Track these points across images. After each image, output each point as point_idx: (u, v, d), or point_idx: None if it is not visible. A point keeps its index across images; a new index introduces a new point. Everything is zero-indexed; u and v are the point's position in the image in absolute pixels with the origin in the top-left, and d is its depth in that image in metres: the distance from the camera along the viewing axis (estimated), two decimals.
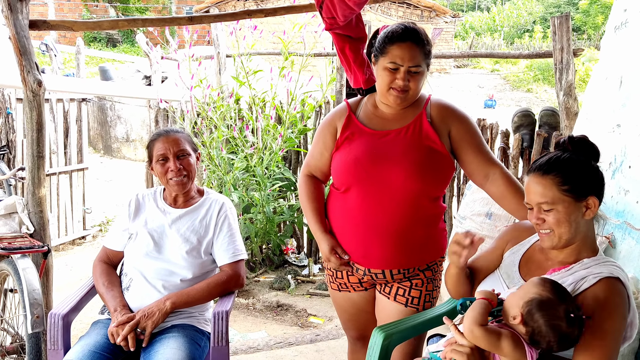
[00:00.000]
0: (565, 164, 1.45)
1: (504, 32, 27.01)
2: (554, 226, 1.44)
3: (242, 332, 3.43)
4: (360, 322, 2.12)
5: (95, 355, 1.86)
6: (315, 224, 1.99)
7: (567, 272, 1.48)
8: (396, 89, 1.79)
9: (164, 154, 2.10)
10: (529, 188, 1.49)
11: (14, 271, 2.32)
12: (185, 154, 2.13)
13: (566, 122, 2.94)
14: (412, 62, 1.77)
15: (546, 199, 1.44)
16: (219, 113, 3.89)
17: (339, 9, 1.95)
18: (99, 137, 9.44)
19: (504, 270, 1.64)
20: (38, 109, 2.48)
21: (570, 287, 1.44)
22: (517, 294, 1.37)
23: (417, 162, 1.81)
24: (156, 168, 2.13)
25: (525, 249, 1.64)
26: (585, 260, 1.48)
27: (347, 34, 2.05)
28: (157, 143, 2.13)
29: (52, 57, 7.80)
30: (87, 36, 20.03)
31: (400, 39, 1.77)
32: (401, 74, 1.77)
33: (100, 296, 2.08)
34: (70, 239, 5.26)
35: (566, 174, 1.44)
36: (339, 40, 2.07)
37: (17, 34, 2.34)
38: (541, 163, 1.48)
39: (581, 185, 1.44)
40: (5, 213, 2.52)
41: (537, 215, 1.47)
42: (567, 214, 1.43)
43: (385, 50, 1.79)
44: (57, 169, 5.06)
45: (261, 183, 3.75)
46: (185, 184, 2.13)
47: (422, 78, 1.82)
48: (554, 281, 1.36)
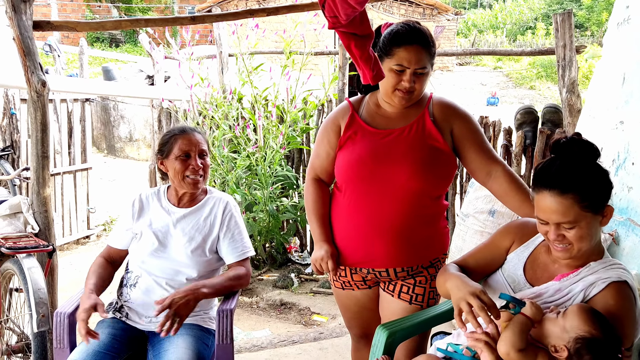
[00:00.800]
0: (582, 179, 1.40)
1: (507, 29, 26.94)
2: (575, 242, 1.42)
3: (246, 330, 3.44)
4: (363, 320, 2.12)
5: (100, 354, 1.87)
6: (317, 229, 1.99)
7: (576, 277, 1.47)
8: (402, 90, 1.80)
9: (187, 151, 2.10)
10: (545, 205, 1.43)
11: (19, 270, 2.33)
12: (205, 154, 2.16)
13: (569, 119, 2.94)
14: (419, 64, 1.77)
15: (568, 218, 1.40)
16: (221, 112, 3.90)
17: (340, 7, 1.95)
18: (102, 137, 9.47)
19: (508, 274, 1.63)
20: (42, 109, 2.49)
21: (580, 295, 1.44)
22: (561, 324, 1.34)
23: (420, 161, 1.81)
24: (173, 164, 2.10)
25: (530, 251, 1.62)
26: (592, 264, 1.48)
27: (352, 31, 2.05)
28: (182, 140, 2.12)
29: (55, 58, 7.83)
30: (90, 36, 20.07)
31: (407, 41, 1.77)
32: (407, 76, 1.78)
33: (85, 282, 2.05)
34: (75, 239, 5.28)
35: (584, 191, 1.39)
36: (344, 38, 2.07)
37: (20, 35, 2.35)
38: (555, 180, 1.42)
39: (599, 199, 1.42)
40: (10, 213, 2.53)
41: (556, 232, 1.43)
42: (589, 228, 1.42)
43: (391, 52, 1.79)
44: (61, 169, 5.08)
45: (263, 182, 3.75)
46: (199, 183, 2.14)
47: (427, 78, 1.83)
48: (603, 317, 1.33)
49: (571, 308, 1.35)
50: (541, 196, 1.44)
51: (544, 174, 1.46)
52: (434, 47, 1.83)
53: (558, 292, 1.48)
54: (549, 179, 1.43)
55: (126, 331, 2.01)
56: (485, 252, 1.72)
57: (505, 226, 1.74)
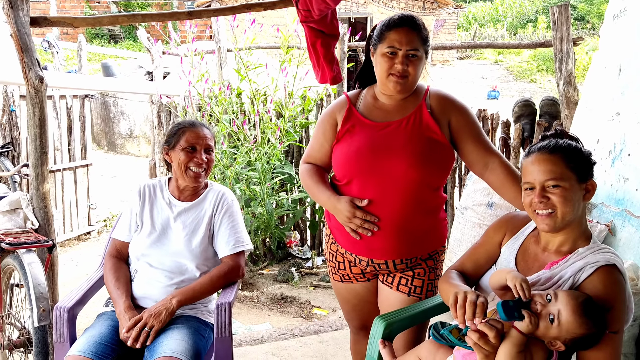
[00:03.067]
0: (568, 145, 1.51)
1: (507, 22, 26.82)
2: (558, 204, 1.45)
3: (247, 324, 3.46)
4: (362, 313, 2.14)
5: (100, 346, 1.89)
6: (324, 192, 1.94)
7: (565, 265, 1.49)
8: (395, 74, 1.81)
9: (193, 144, 2.13)
10: (532, 167, 1.50)
11: (19, 266, 2.34)
12: (211, 150, 2.18)
13: (566, 111, 2.94)
14: (410, 45, 1.79)
15: (554, 174, 1.46)
16: (221, 107, 3.91)
17: (314, 2, 1.98)
18: (102, 134, 9.47)
19: (501, 266, 1.65)
20: (40, 105, 2.50)
21: (570, 280, 1.45)
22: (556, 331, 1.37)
23: (418, 152, 1.82)
24: (178, 155, 2.12)
25: (520, 242, 1.64)
26: (581, 249, 1.49)
27: (320, 28, 2.07)
28: (190, 132, 2.14)
29: (54, 54, 7.83)
30: (89, 33, 20.01)
31: (398, 24, 1.82)
32: (400, 58, 1.80)
33: (109, 293, 2.11)
34: (76, 235, 5.30)
35: (570, 153, 1.49)
36: (312, 35, 2.09)
37: (18, 31, 2.36)
38: (543, 145, 1.52)
39: (583, 167, 1.49)
40: (10, 209, 2.55)
41: (541, 193, 1.47)
42: (572, 192, 1.46)
43: (383, 37, 1.83)
44: (61, 165, 5.08)
45: (262, 177, 3.76)
46: (201, 178, 2.16)
47: (421, 64, 1.84)
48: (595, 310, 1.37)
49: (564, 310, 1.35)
50: (530, 159, 1.52)
51: (532, 146, 1.57)
52: (426, 32, 1.86)
53: (549, 281, 1.50)
54: (538, 145, 1.54)
55: None
56: (481, 250, 1.74)
57: (496, 221, 1.76)
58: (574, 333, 1.34)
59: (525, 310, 1.37)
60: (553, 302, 1.37)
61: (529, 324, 1.36)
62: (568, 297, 1.36)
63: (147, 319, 1.93)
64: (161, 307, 1.97)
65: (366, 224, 1.85)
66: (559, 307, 1.35)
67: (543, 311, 1.37)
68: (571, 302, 1.35)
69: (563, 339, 1.35)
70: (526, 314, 1.37)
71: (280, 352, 2.99)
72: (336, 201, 1.89)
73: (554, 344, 1.38)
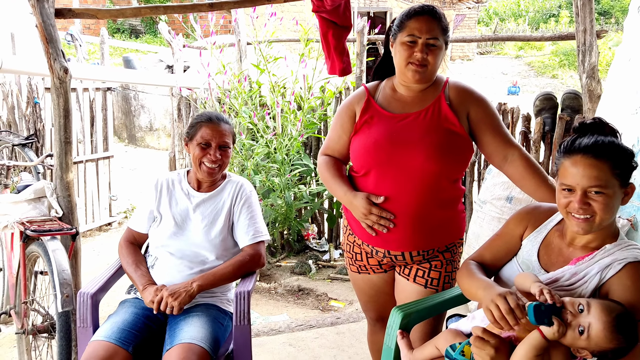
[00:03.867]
0: (614, 148, 1.42)
1: (529, 17, 26.44)
2: (599, 211, 1.41)
3: (264, 315, 3.49)
4: (379, 304, 2.14)
5: (123, 332, 1.93)
6: (341, 187, 1.95)
7: (592, 261, 1.46)
8: (414, 62, 1.80)
9: (208, 141, 2.14)
10: (574, 170, 1.43)
11: (44, 253, 2.40)
12: (227, 147, 2.19)
13: (589, 104, 2.90)
14: (430, 34, 1.79)
15: (600, 182, 1.40)
16: (240, 99, 3.93)
17: None
18: (123, 127, 9.59)
19: (522, 260, 1.62)
20: (65, 96, 2.55)
21: (596, 277, 1.43)
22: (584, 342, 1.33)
23: (436, 144, 1.82)
24: (194, 149, 2.16)
25: (543, 236, 1.61)
26: (608, 246, 1.47)
27: (332, 19, 2.07)
28: (205, 127, 2.16)
29: (77, 48, 7.94)
30: (110, 28, 20.23)
31: (418, 13, 1.82)
32: (419, 47, 1.79)
33: (128, 275, 2.14)
34: (97, 226, 5.39)
35: (617, 159, 1.41)
36: (324, 25, 2.09)
37: (43, 23, 2.40)
38: (589, 145, 1.43)
39: (628, 172, 1.43)
40: (35, 197, 2.60)
41: (582, 199, 1.41)
42: (614, 199, 1.41)
43: (403, 26, 1.83)
44: (83, 157, 5.17)
45: (281, 169, 3.78)
46: (215, 173, 2.18)
47: (440, 54, 1.83)
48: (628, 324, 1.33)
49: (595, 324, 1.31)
50: (572, 161, 1.44)
51: (575, 142, 1.46)
52: (446, 22, 1.85)
53: (574, 276, 1.47)
54: (583, 145, 1.44)
55: (146, 310, 2.05)
56: (500, 242, 1.71)
57: (517, 213, 1.72)
58: (603, 347, 1.31)
59: (556, 318, 1.33)
60: (585, 314, 1.33)
61: (555, 332, 1.32)
62: (601, 311, 1.32)
63: (166, 298, 1.95)
64: (181, 289, 1.98)
65: (382, 221, 1.86)
66: (590, 320, 1.32)
67: (573, 322, 1.33)
68: (603, 318, 1.31)
69: (591, 350, 1.33)
70: (556, 321, 1.32)
71: (297, 343, 3.01)
72: (352, 197, 1.90)
73: (580, 352, 1.35)
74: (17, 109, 5.41)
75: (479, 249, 1.77)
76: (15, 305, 2.70)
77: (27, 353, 2.62)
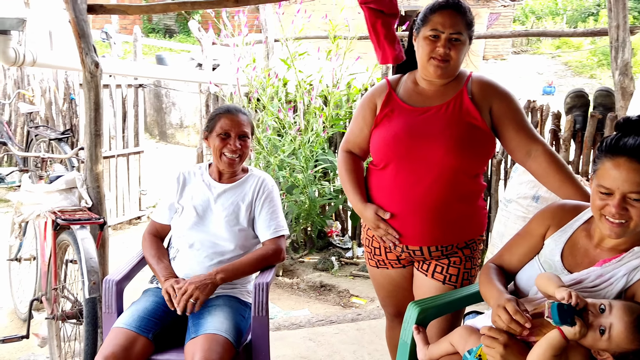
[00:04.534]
0: None
1: (567, 15, 25.80)
2: (636, 217, 1.36)
3: (286, 309, 3.52)
4: (398, 299, 2.13)
5: (144, 320, 1.98)
6: (355, 195, 1.99)
7: (619, 263, 1.43)
8: (437, 57, 1.79)
9: (227, 131, 2.18)
10: (615, 172, 1.37)
11: (73, 241, 2.48)
12: (246, 136, 2.22)
13: (622, 102, 2.83)
14: (453, 29, 1.78)
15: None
16: (268, 94, 3.97)
17: None
18: (154, 123, 9.78)
19: (545, 259, 1.58)
20: (95, 90, 2.62)
21: (623, 279, 1.40)
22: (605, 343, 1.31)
23: (456, 137, 1.80)
24: (214, 140, 2.20)
25: (568, 236, 1.56)
26: (636, 248, 1.43)
27: (380, 8, 2.06)
28: (224, 118, 2.20)
29: (111, 45, 8.15)
30: (146, 27, 20.66)
31: (442, 7, 1.80)
32: (442, 41, 1.78)
33: (150, 267, 2.19)
34: (127, 219, 5.51)
35: None
36: (372, 15, 2.08)
37: (76, 18, 2.48)
38: (635, 148, 1.36)
39: None
40: (66, 187, 2.69)
41: (620, 204, 1.36)
42: None
43: (426, 20, 1.82)
44: (115, 152, 5.29)
45: (304, 165, 3.80)
46: (235, 163, 2.21)
47: (464, 49, 1.82)
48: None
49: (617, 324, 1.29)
50: (614, 163, 1.37)
51: (619, 142, 1.40)
52: (471, 17, 1.84)
53: (599, 278, 1.44)
54: (627, 147, 1.37)
55: None
56: (522, 242, 1.68)
57: (540, 211, 1.68)
58: (624, 348, 1.29)
59: (579, 319, 1.30)
60: (606, 314, 1.31)
61: (577, 333, 1.30)
62: (623, 311, 1.29)
63: (192, 290, 1.97)
64: (207, 280, 2.01)
65: (389, 236, 1.92)
66: (611, 321, 1.29)
67: (594, 322, 1.31)
68: (625, 318, 1.28)
69: (612, 352, 1.30)
70: (579, 322, 1.30)
71: (317, 338, 3.02)
72: (363, 208, 1.95)
73: (601, 354, 1.33)
74: (55, 105, 5.58)
75: (500, 249, 1.75)
76: (47, 292, 2.80)
77: (57, 338, 2.71)
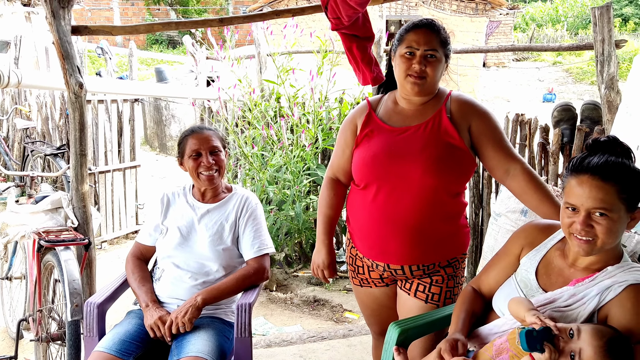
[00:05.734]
0: (624, 171, 1.38)
1: (568, 22, 25.82)
2: (601, 234, 1.37)
3: (278, 325, 3.50)
4: (382, 318, 2.13)
5: (125, 343, 1.97)
6: (323, 234, 2.07)
7: (592, 283, 1.42)
8: (413, 74, 1.81)
9: (197, 150, 2.19)
10: (580, 190, 1.38)
11: (57, 262, 2.47)
12: (217, 150, 2.22)
13: (608, 115, 2.82)
14: (428, 45, 1.80)
15: (605, 205, 1.35)
16: (257, 111, 3.97)
17: (342, 9, 2.00)
18: (154, 136, 9.81)
19: (521, 278, 1.58)
20: (80, 110, 2.63)
21: (595, 299, 1.39)
22: None
23: (434, 157, 1.80)
24: (188, 163, 2.21)
25: (542, 255, 1.57)
26: (610, 268, 1.42)
27: (353, 33, 2.08)
28: (191, 139, 2.21)
29: (107, 60, 8.20)
30: (149, 39, 20.86)
31: (416, 26, 1.84)
32: (417, 58, 1.80)
33: (133, 290, 2.19)
34: (124, 233, 5.50)
35: (625, 182, 1.36)
36: (346, 40, 2.10)
37: (60, 39, 2.50)
38: (598, 166, 1.38)
39: (636, 197, 1.38)
40: (52, 208, 2.69)
41: (585, 220, 1.37)
42: (619, 223, 1.37)
43: (402, 39, 1.85)
44: (111, 166, 5.31)
45: (292, 180, 3.80)
46: (214, 179, 2.21)
47: (439, 66, 1.83)
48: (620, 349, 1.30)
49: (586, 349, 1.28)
50: (579, 180, 1.39)
51: (584, 160, 1.42)
52: (446, 35, 1.86)
53: (572, 297, 1.43)
54: (591, 165, 1.39)
55: None
56: (499, 262, 1.69)
57: (515, 232, 1.69)
58: None
59: (548, 345, 1.29)
60: (575, 339, 1.30)
61: (547, 359, 1.29)
62: (591, 335, 1.28)
63: (176, 319, 1.98)
64: (187, 305, 2.02)
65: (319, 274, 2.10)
66: (580, 346, 1.28)
67: (565, 347, 1.30)
68: (594, 342, 1.27)
69: None
70: (547, 348, 1.29)
71: (308, 355, 3.01)
72: (317, 251, 2.09)
73: None
74: (51, 120, 5.61)
75: (481, 271, 1.75)
76: (33, 313, 2.79)
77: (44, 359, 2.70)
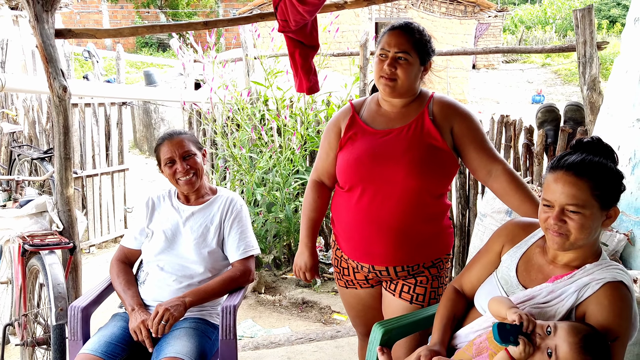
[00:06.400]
0: (599, 169, 1.40)
1: (556, 24, 26.03)
2: (574, 230, 1.39)
3: (267, 327, 3.50)
4: (367, 319, 2.13)
5: (110, 346, 1.96)
6: (306, 236, 2.08)
7: (570, 280, 1.44)
8: (384, 76, 1.83)
9: (170, 157, 2.19)
10: (554, 186, 1.42)
11: (42, 266, 2.46)
12: (191, 154, 2.21)
13: (590, 116, 2.85)
14: (398, 47, 1.81)
15: (577, 201, 1.38)
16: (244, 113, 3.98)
17: (290, 13, 2.02)
18: (144, 139, 9.77)
19: (502, 275, 1.60)
20: (64, 113, 2.62)
21: (573, 296, 1.41)
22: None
23: (417, 159, 1.82)
24: (165, 171, 2.22)
25: (523, 252, 1.59)
26: (588, 266, 1.44)
27: (299, 39, 2.10)
28: (163, 147, 2.21)
29: (94, 64, 8.16)
30: (139, 41, 20.79)
31: (392, 29, 1.86)
32: (388, 60, 1.82)
33: (118, 294, 2.18)
34: (112, 237, 5.48)
35: (599, 180, 1.39)
36: (291, 44, 2.12)
37: (43, 43, 2.49)
38: (573, 163, 1.41)
39: (610, 195, 1.41)
40: (36, 212, 2.68)
41: (558, 216, 1.40)
42: (592, 220, 1.39)
43: (379, 41, 1.88)
44: (99, 170, 5.28)
45: (281, 182, 3.81)
46: (194, 183, 2.21)
47: (411, 69, 1.84)
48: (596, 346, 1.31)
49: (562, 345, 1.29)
50: (554, 176, 1.43)
51: (562, 158, 1.46)
52: (422, 38, 1.86)
53: (551, 294, 1.45)
54: (567, 162, 1.43)
55: None
56: (480, 259, 1.71)
57: (496, 230, 1.71)
58: None
59: (522, 337, 1.32)
60: (552, 336, 1.32)
61: (522, 352, 1.31)
62: (567, 332, 1.30)
63: (163, 311, 1.95)
64: (175, 301, 2.00)
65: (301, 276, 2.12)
66: (556, 342, 1.30)
67: (542, 344, 1.32)
68: (569, 339, 1.29)
69: None
70: (521, 340, 1.31)
71: (296, 356, 3.01)
72: (299, 253, 2.10)
73: None
74: (38, 124, 5.57)
75: (463, 269, 1.76)
76: (18, 318, 2.77)
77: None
